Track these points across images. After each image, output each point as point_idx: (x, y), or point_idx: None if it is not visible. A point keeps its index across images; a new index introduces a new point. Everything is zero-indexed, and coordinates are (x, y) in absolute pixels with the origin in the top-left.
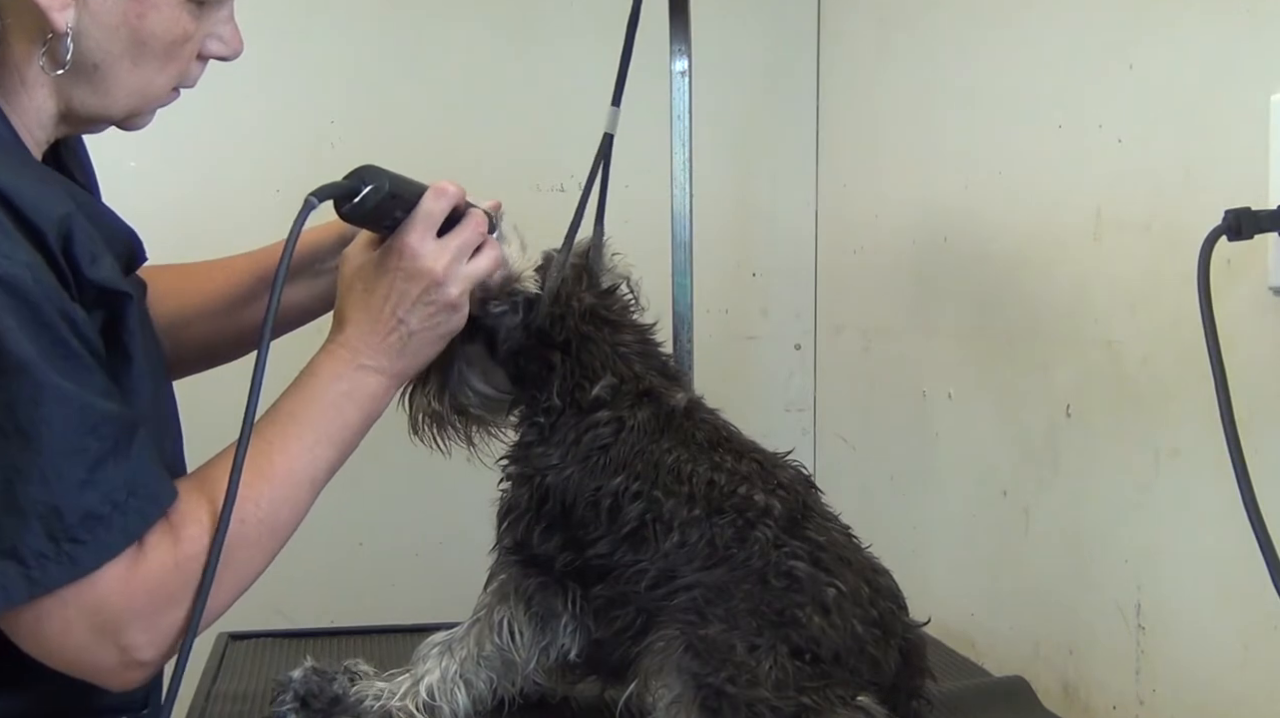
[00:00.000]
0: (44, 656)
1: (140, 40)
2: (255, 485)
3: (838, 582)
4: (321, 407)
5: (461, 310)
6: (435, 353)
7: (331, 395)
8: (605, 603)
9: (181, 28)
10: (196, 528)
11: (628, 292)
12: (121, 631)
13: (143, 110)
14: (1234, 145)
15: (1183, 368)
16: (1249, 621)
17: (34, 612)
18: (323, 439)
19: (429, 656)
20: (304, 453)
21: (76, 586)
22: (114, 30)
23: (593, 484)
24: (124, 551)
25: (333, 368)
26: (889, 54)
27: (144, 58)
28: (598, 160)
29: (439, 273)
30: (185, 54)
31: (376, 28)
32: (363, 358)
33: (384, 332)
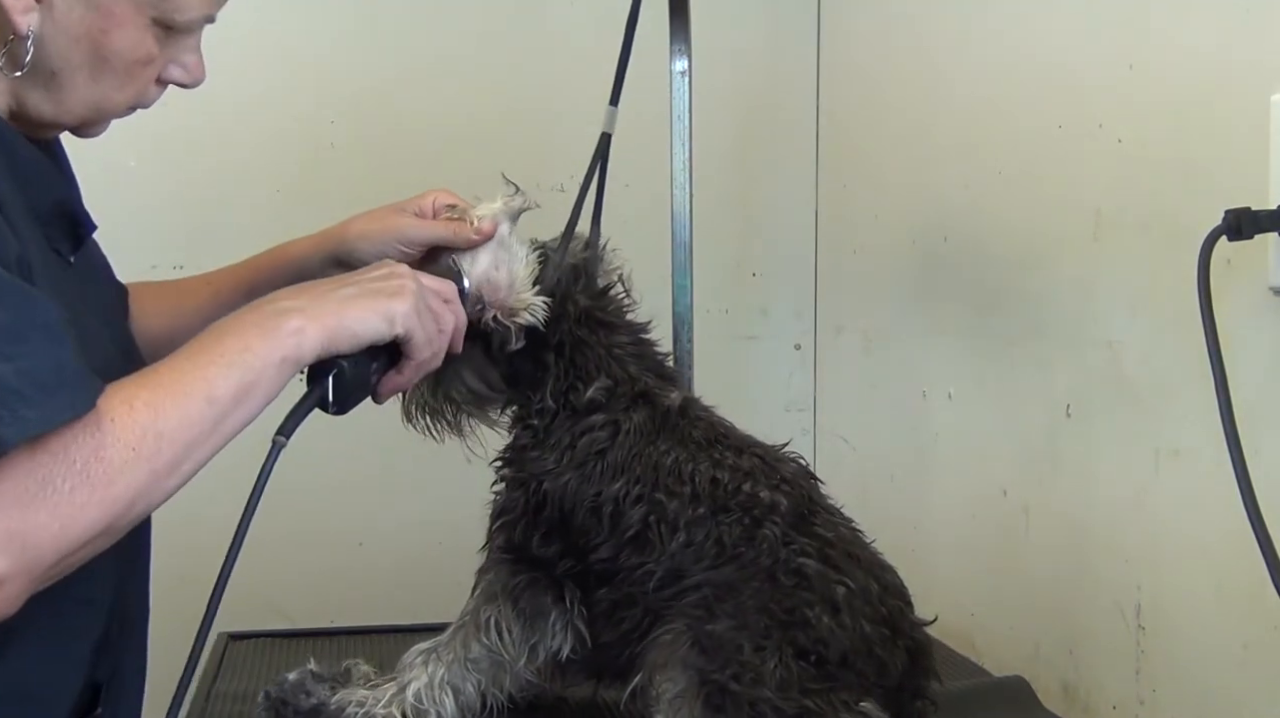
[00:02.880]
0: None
1: (102, 55)
2: (127, 388)
3: (847, 579)
4: (221, 333)
5: (405, 299)
6: (364, 312)
7: (237, 324)
8: (610, 606)
9: (145, 49)
10: (93, 433)
11: (621, 290)
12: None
13: (96, 122)
14: (1234, 145)
15: (1183, 368)
16: (1249, 621)
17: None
18: (217, 360)
19: (414, 663)
20: (194, 369)
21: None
22: (76, 41)
23: (591, 491)
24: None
25: (249, 311)
26: (889, 54)
27: (103, 73)
28: (595, 160)
29: (406, 272)
30: (145, 76)
31: (377, 28)
32: (282, 300)
33: (318, 287)
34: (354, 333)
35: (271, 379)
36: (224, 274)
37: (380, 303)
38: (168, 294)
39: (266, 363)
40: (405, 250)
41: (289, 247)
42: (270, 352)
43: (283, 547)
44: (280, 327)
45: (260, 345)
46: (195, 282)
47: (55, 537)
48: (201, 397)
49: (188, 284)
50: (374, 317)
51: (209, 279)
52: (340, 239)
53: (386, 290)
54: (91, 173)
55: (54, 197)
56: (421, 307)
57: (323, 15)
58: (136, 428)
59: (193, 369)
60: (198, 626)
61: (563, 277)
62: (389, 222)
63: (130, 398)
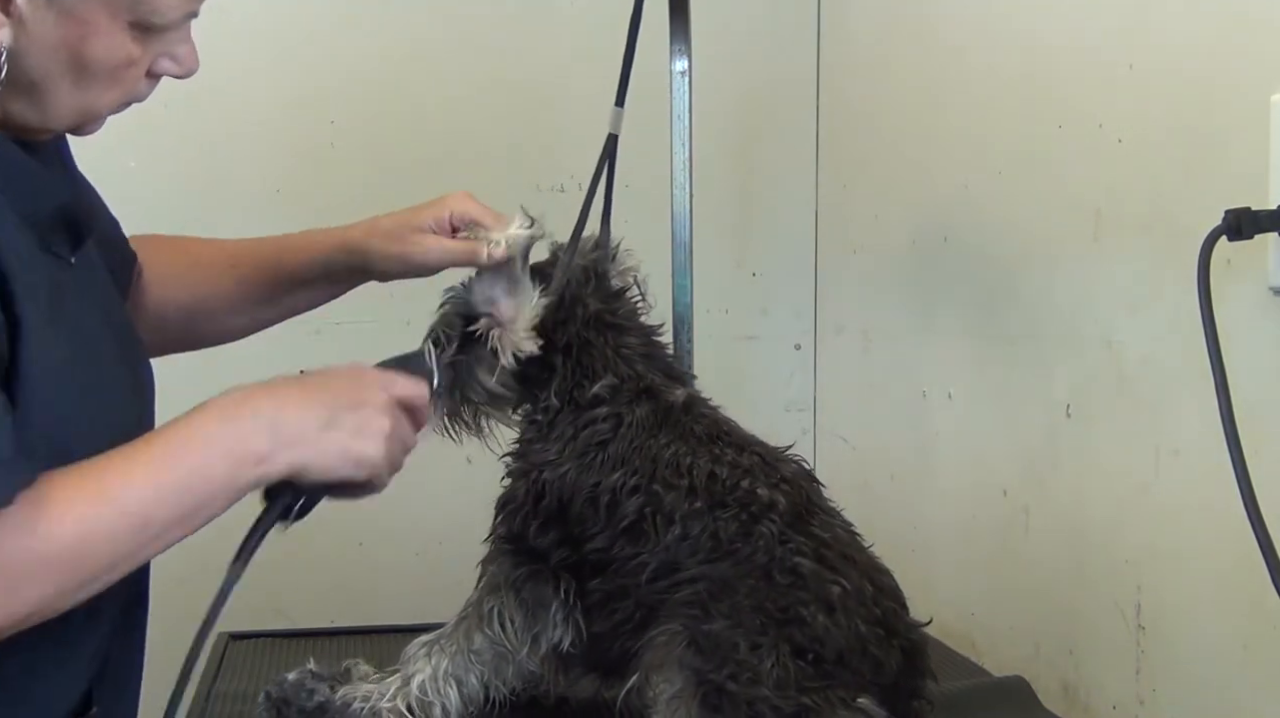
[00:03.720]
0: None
1: (81, 63)
2: (66, 490)
3: (842, 580)
4: (186, 439)
5: (379, 443)
6: (335, 459)
7: (204, 433)
8: (603, 597)
9: (125, 53)
10: (45, 523)
11: (636, 293)
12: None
13: (87, 124)
14: (1234, 145)
15: (1183, 368)
16: (1249, 621)
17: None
18: (168, 476)
19: (417, 655)
20: (143, 481)
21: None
22: (53, 51)
23: (590, 481)
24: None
25: (219, 413)
26: (889, 54)
27: (86, 79)
28: (602, 161)
29: (382, 403)
30: (131, 76)
31: (377, 28)
32: (256, 405)
33: (305, 401)
34: (322, 473)
35: (221, 504)
36: (247, 256)
37: (354, 449)
38: (190, 271)
39: (223, 489)
40: (423, 272)
41: (312, 243)
42: (230, 478)
43: (283, 547)
44: (247, 451)
45: (220, 469)
46: (219, 261)
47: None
48: (138, 519)
49: (210, 258)
50: (345, 464)
51: (234, 261)
52: (363, 254)
53: (363, 433)
54: (91, 173)
55: (48, 201)
56: (394, 444)
57: (323, 16)
58: (59, 542)
59: (142, 480)
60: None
61: (572, 278)
62: (409, 244)
63: (64, 509)
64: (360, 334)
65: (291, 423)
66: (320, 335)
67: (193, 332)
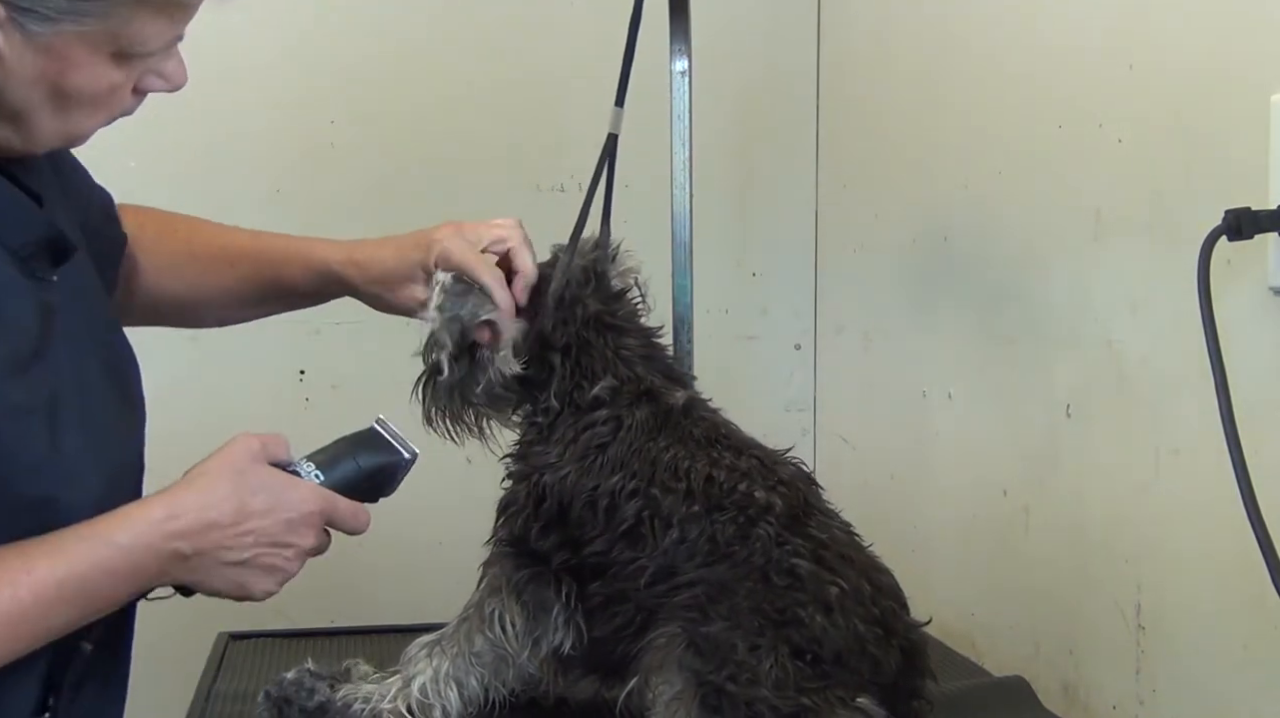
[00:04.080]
0: None
1: (63, 94)
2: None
3: (840, 580)
4: (108, 556)
5: (277, 582)
6: (228, 585)
7: (125, 553)
8: (603, 601)
9: (108, 81)
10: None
11: (637, 294)
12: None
13: (73, 144)
14: (1234, 145)
15: (1183, 368)
16: (1249, 621)
17: None
18: (82, 611)
19: (417, 657)
20: (47, 594)
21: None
22: (33, 84)
23: (590, 484)
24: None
25: (148, 536)
26: (889, 54)
27: (68, 109)
28: (602, 161)
29: (306, 528)
30: (116, 99)
31: (376, 28)
32: (176, 532)
33: (218, 523)
34: (207, 591)
35: (108, 608)
36: (248, 259)
37: (251, 586)
38: (189, 264)
39: (113, 601)
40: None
41: (311, 259)
42: (128, 592)
43: None
44: (157, 577)
45: (124, 590)
46: (219, 258)
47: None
48: (26, 633)
49: (210, 254)
50: (232, 592)
51: (234, 260)
52: (354, 289)
53: (269, 574)
54: (92, 173)
55: (32, 232)
56: (295, 568)
57: (323, 16)
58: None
59: (46, 612)
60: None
61: (571, 279)
62: (398, 295)
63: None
64: (360, 334)
65: (205, 558)
66: (320, 335)
67: (184, 317)
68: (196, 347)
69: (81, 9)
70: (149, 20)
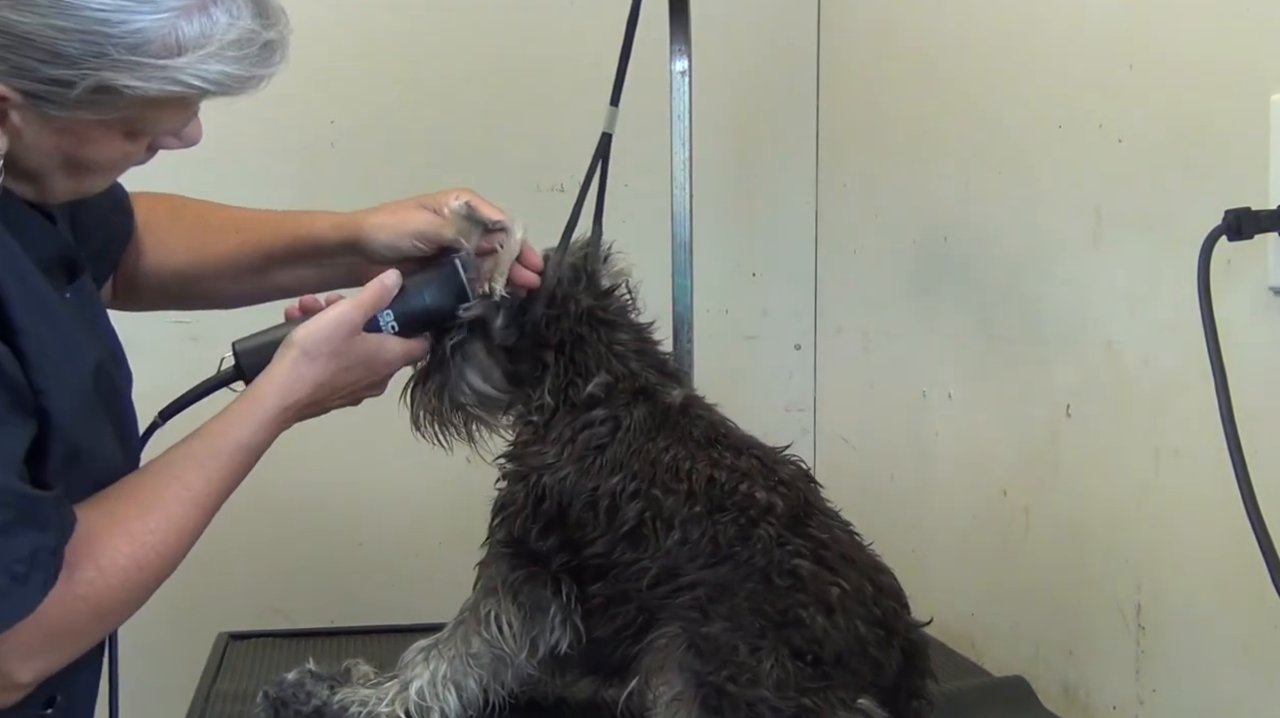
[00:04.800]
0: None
1: (77, 163)
2: (158, 530)
3: (841, 581)
4: (245, 454)
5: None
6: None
7: (255, 447)
8: (605, 602)
9: (121, 153)
10: (92, 571)
11: (626, 292)
12: (3, 661)
13: (88, 196)
14: (1234, 145)
15: (1183, 368)
16: (1249, 621)
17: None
18: (228, 483)
19: (415, 661)
20: (209, 494)
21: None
22: (49, 154)
23: (589, 485)
24: (20, 621)
25: (271, 427)
26: (889, 54)
27: (82, 175)
28: (595, 159)
29: (386, 376)
30: (130, 163)
31: (376, 28)
32: (290, 415)
33: (320, 399)
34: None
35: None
36: (251, 223)
37: (335, 405)
38: (195, 234)
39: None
40: (420, 246)
41: (311, 223)
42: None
43: (282, 547)
44: (273, 436)
45: (254, 460)
46: (225, 225)
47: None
48: (204, 518)
49: (218, 222)
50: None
51: (238, 225)
52: (358, 228)
53: (350, 398)
54: None
55: (52, 249)
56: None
57: (323, 16)
58: (155, 564)
59: (207, 494)
60: (196, 625)
61: (563, 276)
62: (407, 217)
63: (155, 543)
64: None
65: (314, 412)
66: None
67: (186, 292)
68: (196, 346)
69: (97, 103)
70: (164, 110)
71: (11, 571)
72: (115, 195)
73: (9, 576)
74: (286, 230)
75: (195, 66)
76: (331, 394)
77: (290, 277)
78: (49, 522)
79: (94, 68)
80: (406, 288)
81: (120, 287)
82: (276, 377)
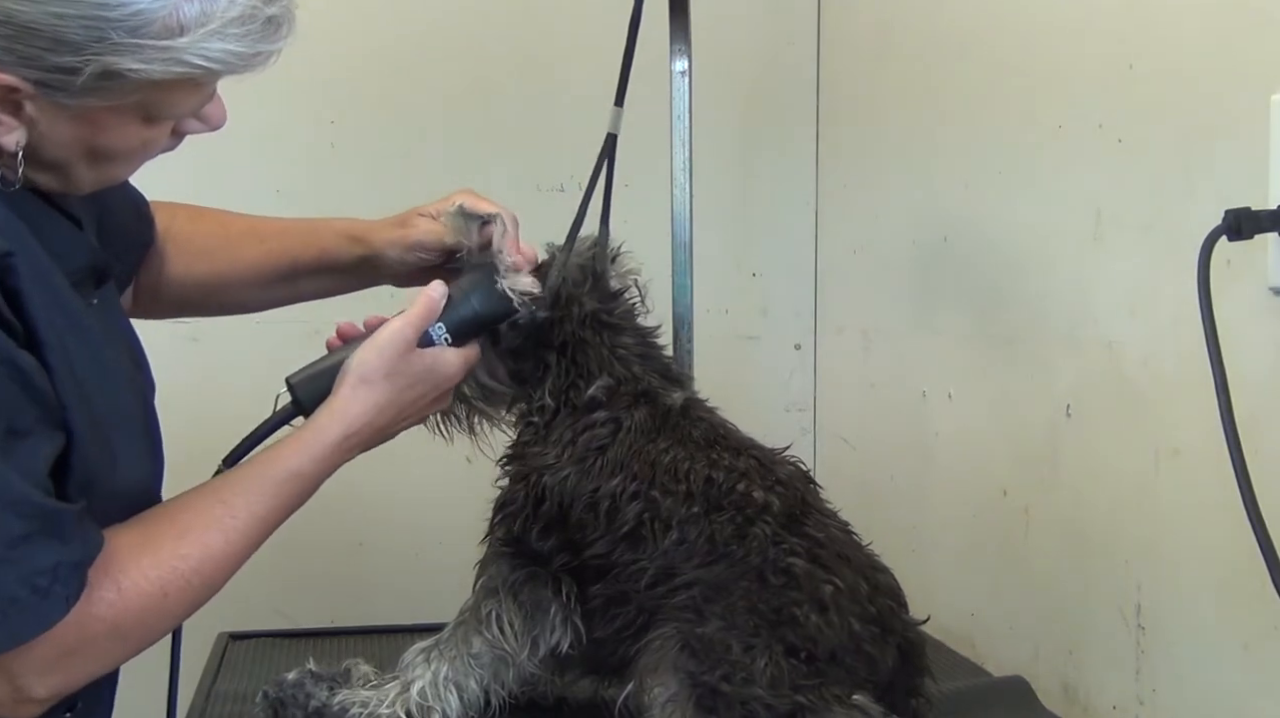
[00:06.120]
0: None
1: (97, 151)
2: (190, 557)
3: (835, 579)
4: (300, 483)
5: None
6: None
7: (313, 476)
8: (604, 602)
9: (139, 139)
10: (112, 592)
11: (635, 294)
12: (19, 675)
13: (114, 184)
14: (1234, 145)
15: (1183, 368)
16: (1249, 621)
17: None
18: (277, 512)
19: (415, 662)
20: (253, 524)
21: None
22: (69, 145)
23: (590, 486)
24: (40, 635)
25: (331, 457)
26: (889, 54)
27: (104, 163)
28: (601, 160)
29: (449, 389)
30: (152, 149)
31: (377, 28)
32: (355, 443)
33: (385, 423)
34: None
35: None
36: (274, 234)
37: (398, 431)
38: (221, 244)
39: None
40: (423, 256)
41: (329, 236)
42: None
43: (283, 547)
44: (335, 466)
45: (312, 488)
46: (248, 234)
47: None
48: (246, 552)
49: (240, 231)
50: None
51: (262, 236)
52: (370, 244)
53: (412, 420)
54: None
55: (81, 259)
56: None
57: (323, 16)
58: (183, 594)
59: (253, 529)
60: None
61: (567, 277)
62: (408, 230)
63: (188, 573)
64: None
65: (379, 438)
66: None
67: (209, 299)
68: (197, 347)
69: (104, 88)
70: (174, 92)
71: (33, 583)
72: (136, 203)
73: (30, 588)
74: (313, 242)
75: (198, 46)
76: (398, 416)
77: (314, 285)
78: (72, 536)
79: (97, 53)
80: (452, 297)
81: (143, 295)
82: (336, 406)
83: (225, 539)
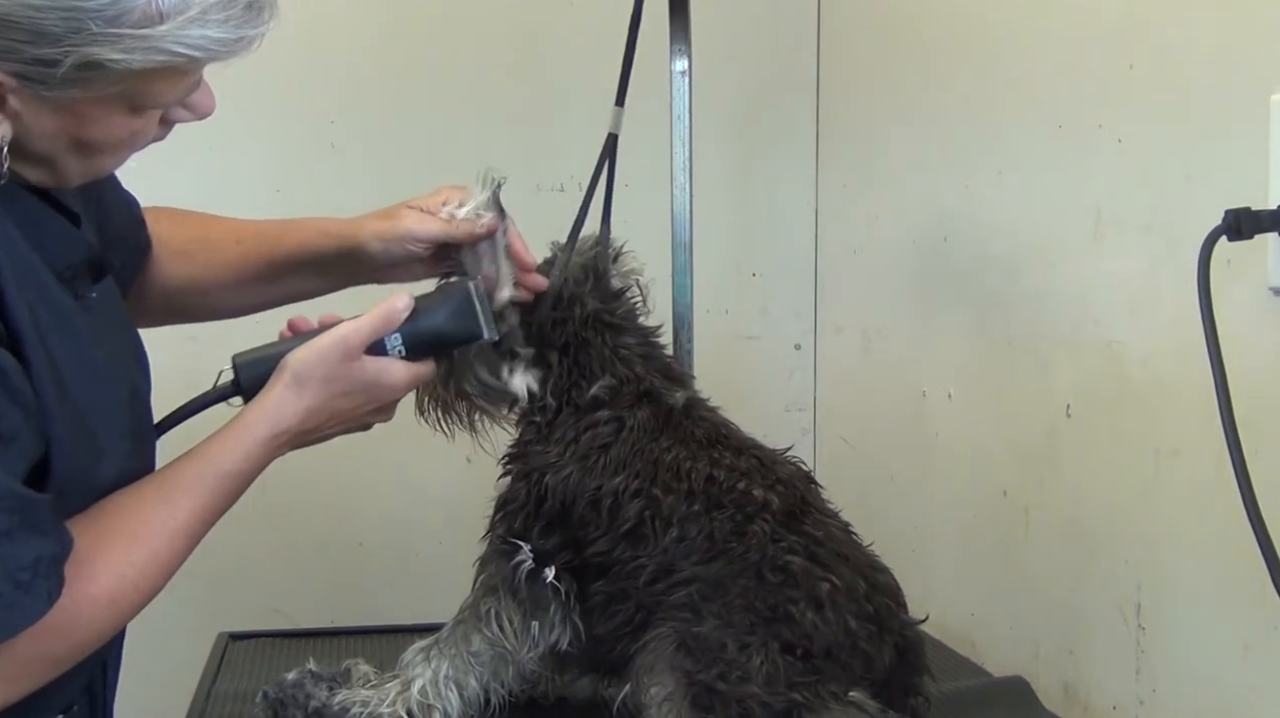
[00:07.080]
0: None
1: (84, 143)
2: (138, 563)
3: (832, 577)
4: (232, 482)
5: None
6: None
7: (244, 474)
8: (605, 599)
9: (126, 130)
10: (66, 597)
11: (637, 294)
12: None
13: (103, 176)
14: (1234, 145)
15: (1183, 368)
16: (1249, 621)
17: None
18: (213, 511)
19: (415, 661)
20: (193, 524)
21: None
22: (54, 137)
23: (592, 484)
24: (25, 630)
25: (260, 455)
26: (889, 54)
27: (91, 155)
28: (602, 160)
29: (393, 401)
30: (140, 140)
31: (377, 28)
32: (283, 442)
33: (315, 426)
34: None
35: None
36: (252, 235)
37: (335, 434)
38: (200, 247)
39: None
40: (412, 249)
41: (309, 233)
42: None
43: (283, 547)
44: (265, 463)
45: (245, 485)
46: (226, 237)
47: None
48: (185, 548)
49: (219, 234)
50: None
51: (240, 237)
52: (353, 237)
53: (364, 426)
54: None
55: (75, 255)
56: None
57: (323, 16)
58: (131, 594)
59: (192, 523)
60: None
61: (569, 277)
62: (398, 221)
63: (136, 575)
64: None
65: (307, 440)
66: None
67: (192, 304)
68: (195, 346)
69: (86, 79)
70: (158, 81)
71: (15, 578)
72: (129, 206)
73: (12, 583)
74: (288, 240)
75: (177, 34)
76: (329, 421)
77: (296, 285)
78: (50, 528)
79: (76, 44)
80: (418, 309)
81: (130, 302)
82: (266, 404)
83: (170, 544)
